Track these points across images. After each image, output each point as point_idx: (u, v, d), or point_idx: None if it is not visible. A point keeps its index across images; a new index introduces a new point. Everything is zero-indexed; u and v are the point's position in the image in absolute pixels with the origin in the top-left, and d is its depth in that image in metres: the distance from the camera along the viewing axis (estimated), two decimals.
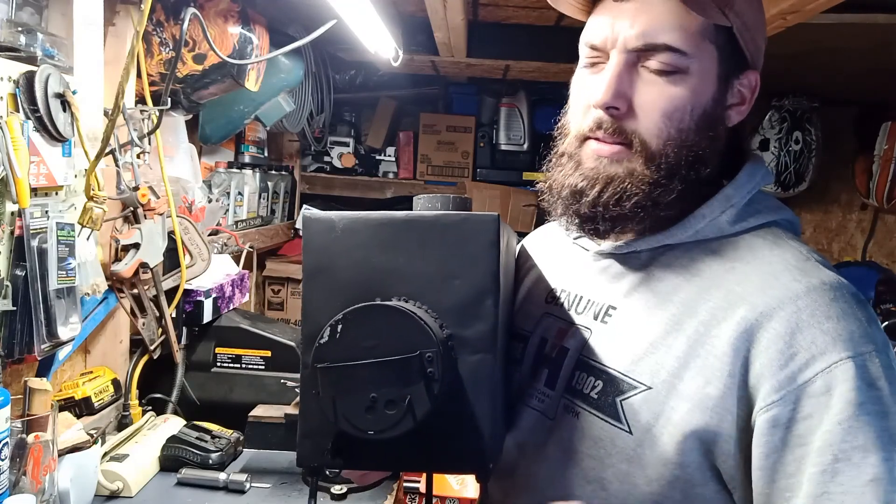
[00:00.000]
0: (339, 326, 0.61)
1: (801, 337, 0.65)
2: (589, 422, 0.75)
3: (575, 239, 0.88)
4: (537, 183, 0.83)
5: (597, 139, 0.75)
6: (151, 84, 1.48)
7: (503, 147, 3.08)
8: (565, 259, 0.90)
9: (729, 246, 0.74)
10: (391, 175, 3.18)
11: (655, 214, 0.74)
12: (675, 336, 0.71)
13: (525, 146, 3.07)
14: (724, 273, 0.72)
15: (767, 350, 0.66)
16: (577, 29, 0.81)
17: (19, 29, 1.10)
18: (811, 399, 0.63)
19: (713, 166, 0.75)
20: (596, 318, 0.79)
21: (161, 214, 1.43)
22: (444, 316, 0.65)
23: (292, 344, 1.62)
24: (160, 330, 1.50)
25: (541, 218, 0.87)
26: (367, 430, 0.60)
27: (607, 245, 0.81)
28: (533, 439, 0.82)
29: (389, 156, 3.19)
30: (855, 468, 0.62)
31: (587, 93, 0.76)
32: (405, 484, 2.49)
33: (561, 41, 2.28)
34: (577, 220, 0.77)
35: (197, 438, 1.34)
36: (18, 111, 1.08)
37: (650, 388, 0.71)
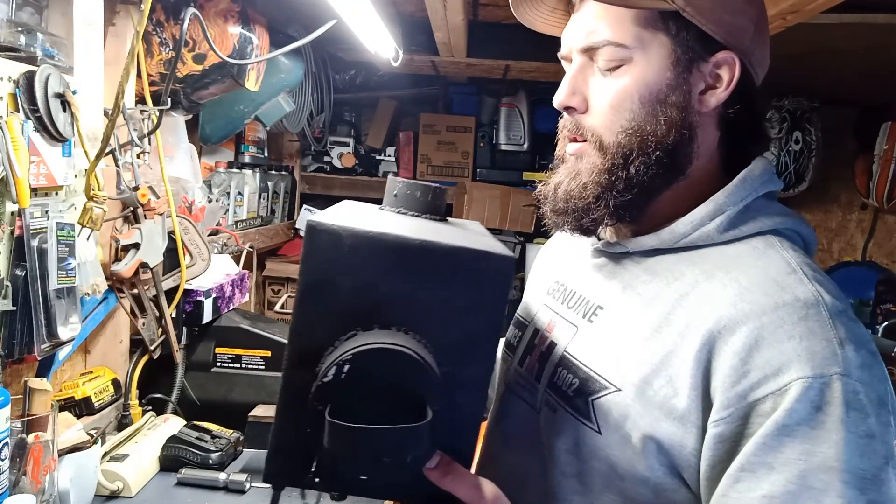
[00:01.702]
0: (346, 367, 0.57)
1: (757, 355, 0.63)
2: (564, 418, 0.76)
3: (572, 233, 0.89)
4: (538, 184, 0.84)
5: (569, 140, 0.79)
6: (151, 84, 1.48)
7: (503, 147, 3.08)
8: (571, 251, 0.92)
9: (715, 255, 0.73)
10: (391, 175, 3.18)
11: (626, 203, 0.74)
12: (652, 342, 0.70)
13: (525, 146, 3.07)
14: (704, 282, 0.71)
15: (724, 365, 0.65)
16: None
17: (19, 29, 1.10)
18: (758, 418, 0.63)
19: (685, 151, 0.74)
20: (584, 316, 0.80)
21: (161, 214, 1.43)
22: (441, 352, 0.61)
23: None
24: (160, 330, 1.50)
25: (541, 218, 0.87)
26: (360, 475, 0.59)
27: (604, 243, 0.82)
28: (518, 430, 0.84)
29: (389, 156, 3.19)
30: (754, 481, 0.62)
31: None
32: None
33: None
34: (554, 217, 0.79)
35: (197, 438, 1.34)
36: (18, 111, 1.08)
37: (619, 389, 0.71)
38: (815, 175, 3.08)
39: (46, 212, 1.14)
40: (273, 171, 2.73)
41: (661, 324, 0.71)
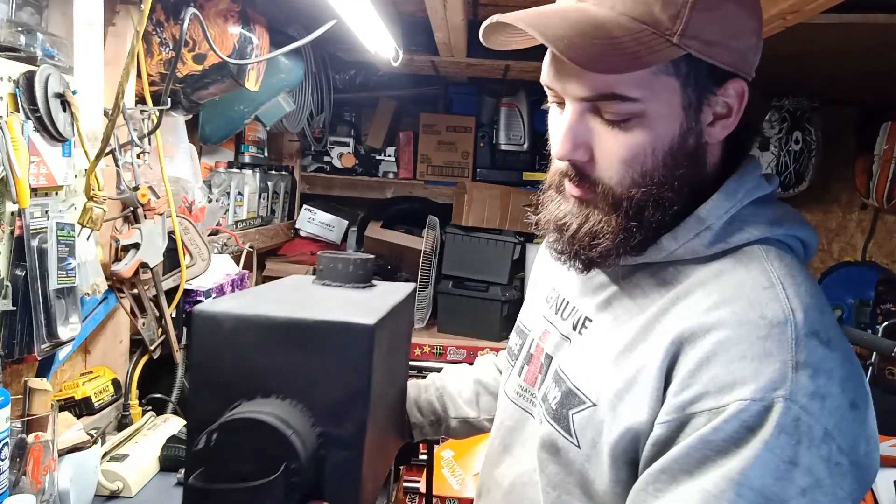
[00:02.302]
0: (214, 435, 0.65)
1: (705, 370, 0.62)
2: (548, 431, 0.76)
3: None
4: (538, 188, 0.82)
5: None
6: (151, 84, 1.48)
7: (503, 147, 3.08)
8: None
9: (699, 269, 0.71)
10: (391, 175, 3.18)
11: (637, 245, 0.72)
12: (627, 356, 0.70)
13: (525, 146, 3.07)
14: (683, 299, 0.69)
15: (677, 375, 0.65)
16: None
17: (19, 29, 1.10)
18: (690, 429, 0.62)
19: (696, 190, 0.72)
20: (574, 328, 0.80)
21: (161, 214, 1.43)
22: (317, 415, 0.69)
23: None
24: (160, 330, 1.50)
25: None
26: None
27: None
28: (518, 438, 0.85)
29: (389, 156, 3.18)
30: (672, 484, 0.62)
31: (554, 135, 0.75)
32: (405, 484, 2.49)
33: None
34: (560, 254, 0.77)
35: None
36: (18, 111, 1.08)
37: (595, 405, 0.71)
38: (815, 175, 3.08)
39: (46, 212, 1.14)
40: (273, 171, 2.73)
41: (637, 339, 0.70)
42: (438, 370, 1.20)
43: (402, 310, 0.88)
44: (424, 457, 2.04)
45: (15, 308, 1.08)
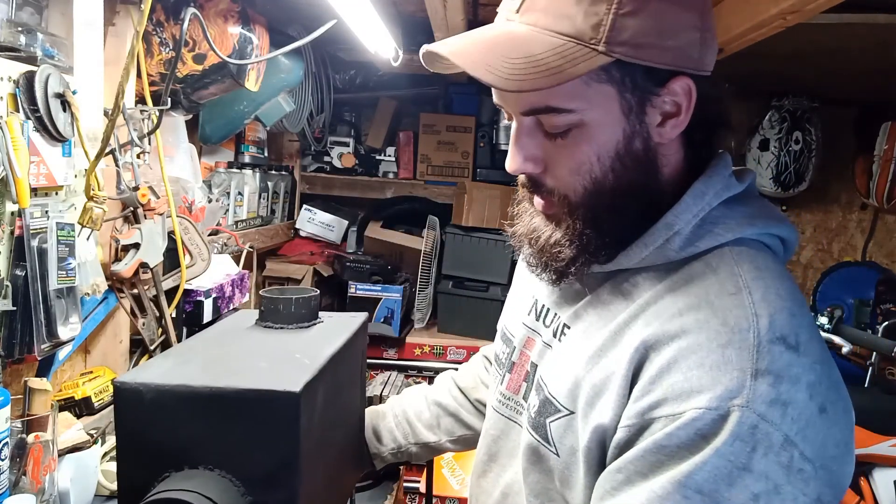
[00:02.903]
0: None
1: (666, 376, 0.63)
2: (528, 440, 0.76)
3: None
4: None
5: None
6: (151, 84, 1.48)
7: (503, 147, 3.08)
8: None
9: (670, 275, 0.70)
10: (391, 175, 3.18)
11: (601, 251, 0.73)
12: (597, 363, 0.70)
13: None
14: (651, 304, 0.69)
15: (640, 379, 0.65)
16: None
17: (19, 29, 1.10)
18: (647, 433, 0.63)
19: (657, 191, 0.72)
20: (554, 335, 0.80)
21: (161, 214, 1.43)
22: (247, 484, 0.67)
23: None
24: (160, 330, 1.50)
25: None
26: None
27: None
28: (504, 447, 0.86)
29: (389, 156, 3.18)
30: (626, 485, 0.63)
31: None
32: (405, 484, 2.49)
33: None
34: (534, 266, 0.78)
35: None
36: (18, 111, 1.08)
37: (572, 413, 0.71)
38: (815, 175, 3.08)
39: (46, 212, 1.14)
40: (273, 171, 2.73)
41: (606, 345, 0.70)
42: (438, 370, 1.21)
43: (350, 347, 0.86)
44: None
45: (15, 308, 1.08)
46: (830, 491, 0.62)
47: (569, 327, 0.78)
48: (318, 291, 0.90)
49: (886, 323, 2.72)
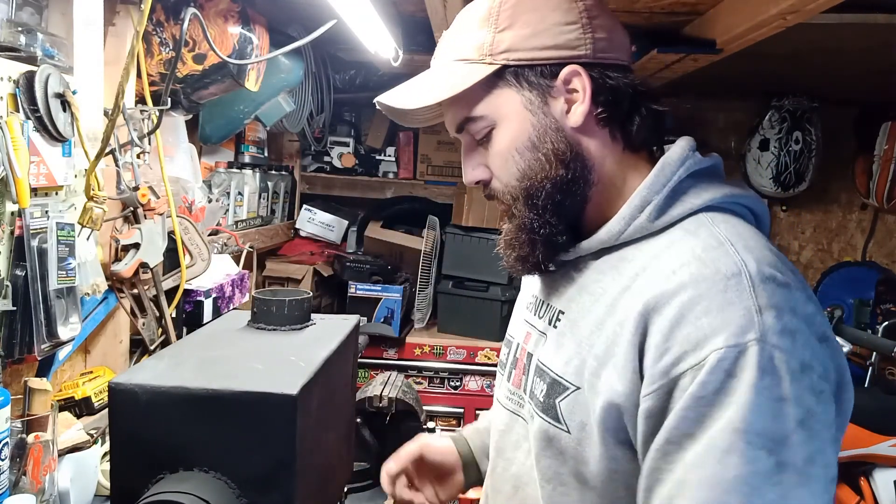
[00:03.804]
0: None
1: (678, 331, 0.66)
2: (539, 424, 0.78)
3: None
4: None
5: None
6: (151, 84, 1.48)
7: None
8: None
9: (651, 243, 0.75)
10: (391, 175, 3.18)
11: (554, 237, 0.79)
12: (597, 336, 0.73)
13: None
14: (640, 271, 0.73)
15: (651, 343, 0.67)
16: None
17: (19, 29, 1.10)
18: (679, 392, 0.65)
19: (580, 167, 0.78)
20: (550, 323, 0.83)
21: (161, 214, 1.43)
22: (243, 485, 0.67)
23: None
24: (160, 330, 1.50)
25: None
26: None
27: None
28: (509, 441, 0.88)
29: (389, 156, 3.18)
30: (679, 452, 0.64)
31: None
32: None
33: None
34: (518, 269, 0.83)
35: None
36: (18, 111, 1.08)
37: (579, 388, 0.74)
38: (815, 175, 3.08)
39: (46, 212, 1.14)
40: (273, 171, 2.73)
41: (604, 317, 0.74)
42: (438, 370, 1.21)
43: (342, 349, 0.87)
44: None
45: (15, 308, 1.08)
46: (841, 416, 0.67)
47: (563, 313, 0.81)
48: (311, 293, 0.91)
49: (886, 323, 2.72)
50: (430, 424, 1.98)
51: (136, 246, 1.38)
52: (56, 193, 1.19)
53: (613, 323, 0.72)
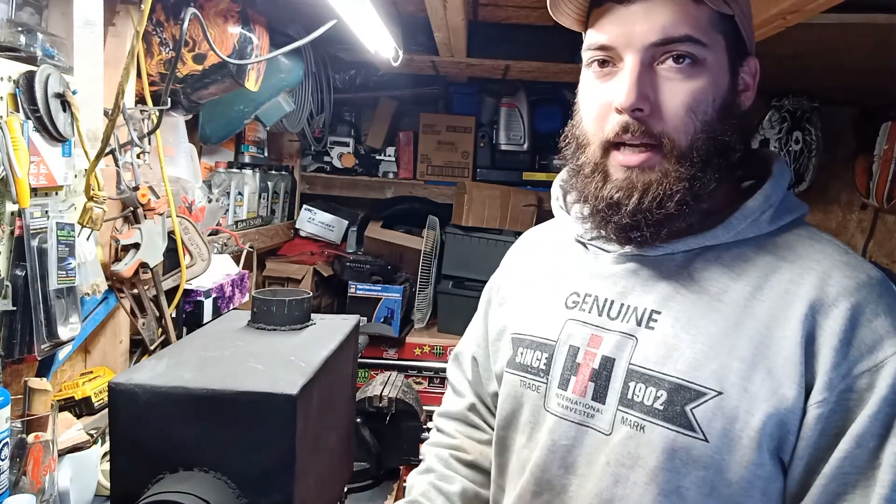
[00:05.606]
0: None
1: (855, 335, 0.67)
2: (658, 434, 0.73)
3: (589, 240, 0.86)
4: (538, 188, 0.86)
5: (623, 144, 0.74)
6: (151, 84, 1.48)
7: (503, 147, 3.08)
8: (576, 261, 0.88)
9: (770, 245, 0.75)
10: (391, 175, 3.18)
11: (699, 208, 0.74)
12: (736, 337, 0.71)
13: (525, 146, 3.06)
14: (773, 274, 0.73)
15: (824, 346, 0.67)
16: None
17: (19, 29, 1.09)
18: (855, 394, 0.65)
19: (740, 152, 0.76)
20: (640, 323, 0.77)
21: (161, 214, 1.43)
22: (243, 486, 0.68)
23: None
24: (160, 330, 1.50)
25: (541, 218, 0.88)
26: None
27: (631, 247, 0.80)
28: (579, 455, 0.79)
29: (389, 156, 3.18)
30: (869, 453, 0.65)
31: (604, 98, 0.75)
32: (405, 484, 2.49)
33: (561, 41, 2.28)
34: (618, 231, 0.76)
35: None
36: (18, 111, 1.08)
37: (720, 392, 0.70)
38: (815, 175, 3.08)
39: (46, 212, 1.14)
40: (273, 171, 2.73)
41: (738, 318, 0.72)
42: (438, 370, 1.20)
43: (342, 350, 0.86)
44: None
45: (15, 308, 1.08)
46: None
47: (659, 312, 0.76)
48: (311, 293, 0.90)
49: None
50: (430, 424, 1.98)
51: (136, 246, 1.38)
52: (56, 193, 1.19)
53: (755, 324, 0.70)
